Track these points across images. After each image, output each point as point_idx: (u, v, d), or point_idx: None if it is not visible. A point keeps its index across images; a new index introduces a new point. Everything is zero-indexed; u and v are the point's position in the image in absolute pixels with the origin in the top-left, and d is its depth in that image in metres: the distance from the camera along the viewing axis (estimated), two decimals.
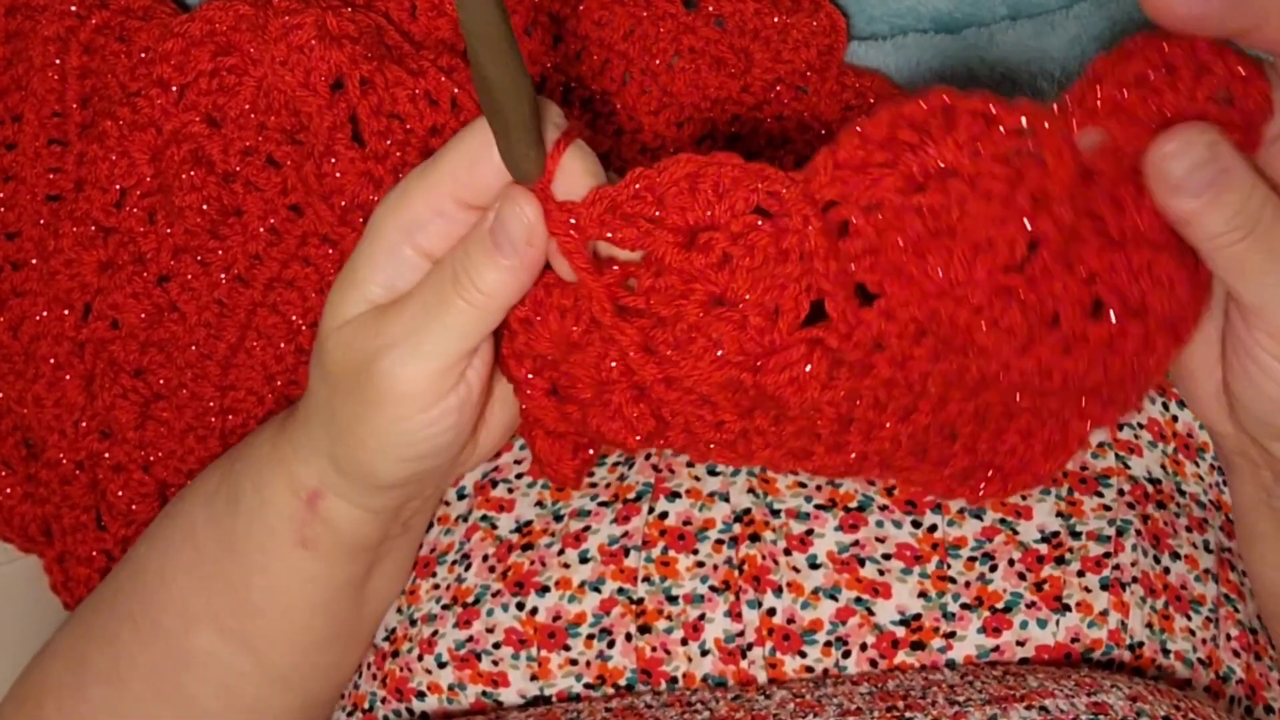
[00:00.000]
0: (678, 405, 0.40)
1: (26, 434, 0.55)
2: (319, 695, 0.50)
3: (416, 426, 0.41)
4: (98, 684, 0.49)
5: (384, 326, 0.40)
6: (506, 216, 0.38)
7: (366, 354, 0.40)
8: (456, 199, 0.39)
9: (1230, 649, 0.45)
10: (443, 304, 0.39)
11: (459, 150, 0.39)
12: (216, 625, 0.47)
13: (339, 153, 0.46)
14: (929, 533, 0.45)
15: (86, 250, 0.50)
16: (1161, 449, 0.48)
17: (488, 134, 0.37)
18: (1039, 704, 0.38)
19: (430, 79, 0.46)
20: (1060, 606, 0.44)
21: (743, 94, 0.52)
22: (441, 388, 0.40)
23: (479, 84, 0.35)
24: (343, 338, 0.41)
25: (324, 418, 0.43)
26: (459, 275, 0.39)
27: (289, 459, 0.45)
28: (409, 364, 0.39)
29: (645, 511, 0.46)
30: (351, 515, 0.45)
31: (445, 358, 0.39)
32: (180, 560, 0.48)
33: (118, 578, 0.51)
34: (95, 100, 0.51)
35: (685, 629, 0.45)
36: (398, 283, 0.40)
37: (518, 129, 0.36)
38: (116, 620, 0.49)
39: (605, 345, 0.39)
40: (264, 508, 0.46)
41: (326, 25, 0.45)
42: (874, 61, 0.52)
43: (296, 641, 0.48)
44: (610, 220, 0.37)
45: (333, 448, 0.43)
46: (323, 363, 0.42)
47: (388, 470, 0.43)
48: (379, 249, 0.40)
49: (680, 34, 0.52)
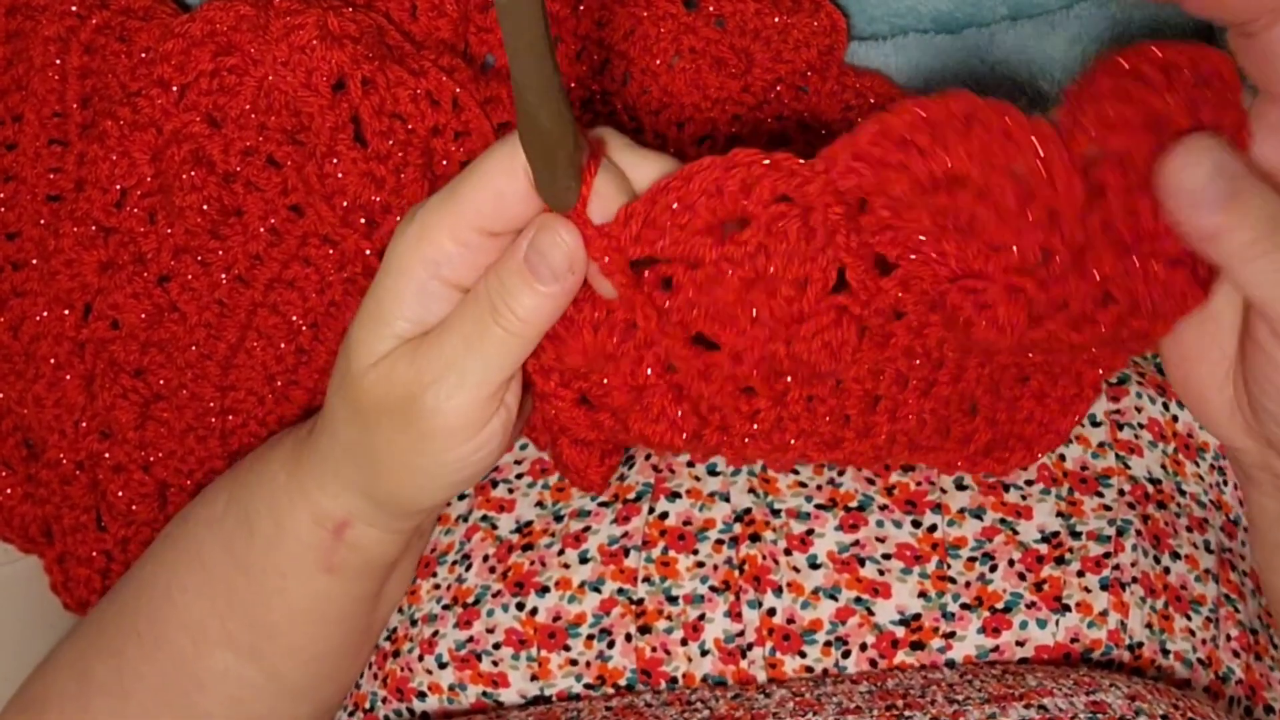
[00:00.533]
0: (716, 398, 0.40)
1: (26, 434, 0.55)
2: (329, 702, 0.50)
3: (465, 454, 0.41)
4: (101, 695, 0.49)
5: (423, 362, 0.39)
6: (546, 246, 0.38)
7: (409, 391, 0.40)
8: (481, 230, 0.39)
9: (1230, 649, 0.45)
10: (482, 335, 0.39)
11: (482, 183, 0.38)
12: (230, 644, 0.47)
13: (341, 153, 0.46)
14: (929, 533, 0.45)
15: (87, 250, 0.50)
16: (1162, 449, 0.48)
17: (512, 163, 0.37)
18: (1038, 703, 0.39)
19: (432, 79, 0.46)
20: (1060, 607, 0.44)
21: (743, 94, 0.52)
22: (486, 414, 0.40)
23: (526, 126, 0.34)
24: (381, 375, 0.40)
25: (358, 456, 0.43)
26: (497, 305, 0.38)
27: (311, 491, 0.45)
28: (455, 396, 0.39)
29: (645, 511, 0.46)
30: (379, 538, 0.45)
31: (489, 386, 0.40)
32: (189, 581, 0.48)
33: (121, 594, 0.51)
34: (96, 100, 0.51)
35: (685, 629, 0.45)
36: (426, 316, 0.40)
37: (564, 166, 0.36)
38: (121, 636, 0.49)
39: (641, 351, 0.40)
40: (284, 536, 0.46)
41: (328, 25, 0.45)
42: (874, 61, 0.52)
43: (313, 656, 0.48)
44: (646, 234, 0.37)
45: (372, 485, 0.43)
46: (355, 401, 0.41)
47: (431, 498, 0.43)
48: (405, 286, 0.40)
49: (680, 34, 0.52)
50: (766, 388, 0.40)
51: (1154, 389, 0.49)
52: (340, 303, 0.50)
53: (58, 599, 0.57)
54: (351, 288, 0.50)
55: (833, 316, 0.38)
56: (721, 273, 0.38)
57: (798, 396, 0.41)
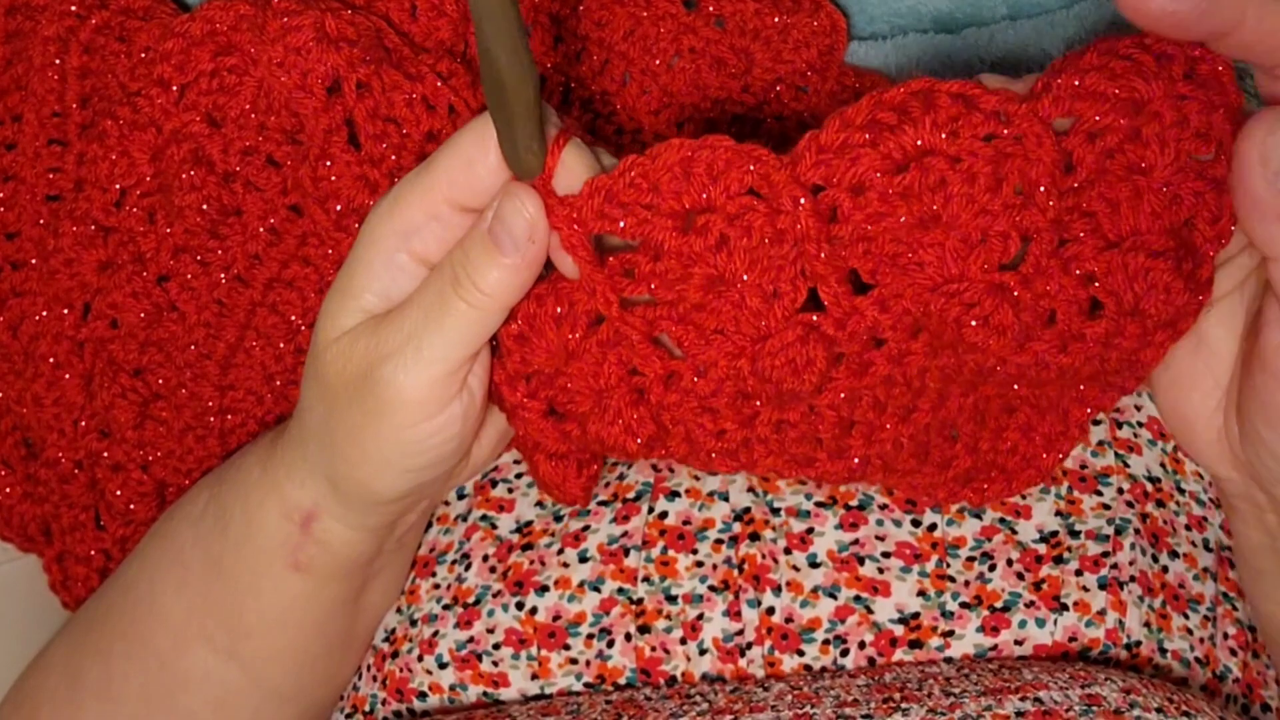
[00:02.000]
0: (678, 411, 0.40)
1: (26, 433, 0.55)
2: (317, 703, 0.50)
3: (421, 435, 0.40)
4: (92, 699, 0.49)
5: (384, 334, 0.39)
6: (507, 213, 0.38)
7: (367, 363, 0.39)
8: (452, 201, 0.39)
9: (1227, 647, 0.45)
10: (443, 307, 0.39)
11: (454, 151, 0.38)
12: (210, 645, 0.47)
13: (334, 156, 0.46)
14: (929, 531, 0.45)
15: (86, 250, 0.50)
16: (1161, 447, 0.48)
17: (483, 132, 0.37)
18: (1033, 695, 0.39)
19: (428, 84, 0.46)
20: (1058, 606, 0.44)
21: (743, 94, 0.52)
22: (446, 394, 0.40)
23: (486, 71, 0.35)
24: (341, 349, 0.40)
25: (321, 435, 0.42)
26: (459, 277, 0.38)
27: (282, 482, 0.45)
28: (412, 371, 0.39)
29: (645, 511, 0.46)
30: (346, 536, 0.45)
31: (448, 363, 0.39)
32: (169, 580, 0.48)
33: (109, 593, 0.51)
34: (95, 100, 0.51)
35: (684, 628, 0.45)
36: (393, 291, 0.40)
37: (522, 119, 0.36)
38: (108, 637, 0.49)
39: (604, 349, 0.39)
40: (254, 532, 0.45)
41: (325, 27, 0.45)
42: (874, 61, 0.52)
43: (292, 658, 0.47)
44: (609, 210, 0.37)
45: (331, 466, 0.43)
46: (320, 376, 0.41)
47: (389, 483, 0.42)
48: (374, 256, 0.40)
49: (680, 34, 0.52)
50: (733, 412, 0.40)
51: None
52: None
53: (56, 598, 0.57)
54: None
55: (799, 333, 0.37)
56: (685, 268, 0.37)
57: (766, 420, 0.40)
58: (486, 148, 0.38)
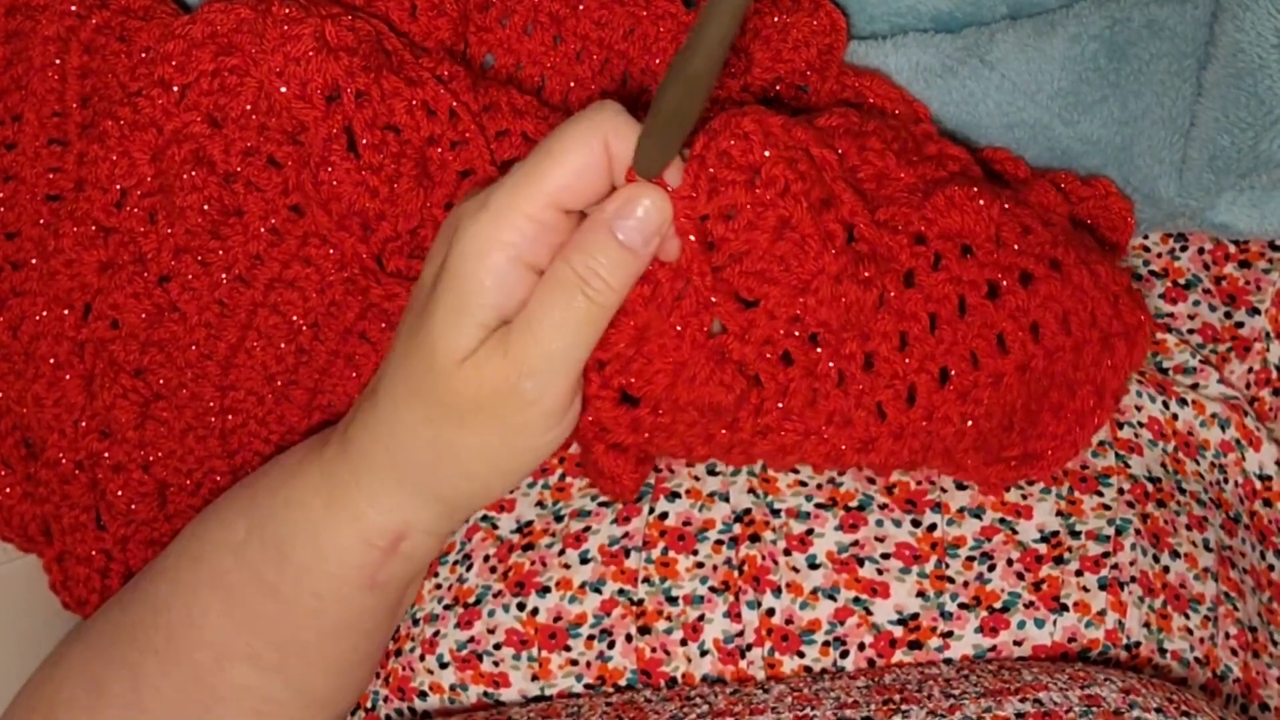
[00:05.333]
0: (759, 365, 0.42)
1: (26, 434, 0.55)
2: (346, 707, 0.50)
3: (550, 441, 0.41)
4: (116, 708, 0.48)
5: (516, 351, 0.39)
6: (645, 211, 0.39)
7: (507, 382, 0.39)
8: (560, 206, 0.39)
9: (1228, 647, 0.45)
10: (573, 313, 0.39)
11: (562, 159, 0.38)
12: (255, 662, 0.47)
13: (335, 163, 0.46)
14: (928, 532, 0.45)
15: (87, 250, 0.50)
16: (1161, 447, 0.48)
17: (590, 140, 0.38)
18: (1033, 697, 0.39)
19: (429, 89, 0.46)
20: (1058, 606, 0.44)
21: (743, 93, 0.52)
22: (573, 398, 0.41)
23: (677, 75, 0.35)
24: (471, 373, 0.40)
25: (431, 456, 0.42)
26: (588, 280, 0.39)
27: (364, 513, 0.44)
28: (555, 382, 0.40)
29: (645, 512, 0.46)
30: (431, 545, 0.45)
31: (580, 366, 0.40)
32: (211, 603, 0.47)
33: (134, 610, 0.50)
34: (95, 100, 0.51)
35: (685, 630, 0.45)
36: (507, 302, 0.40)
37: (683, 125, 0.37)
38: (138, 652, 0.48)
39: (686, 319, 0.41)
40: (325, 562, 0.45)
41: (325, 36, 0.45)
42: (874, 61, 0.52)
43: (342, 668, 0.48)
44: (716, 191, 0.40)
45: (448, 484, 0.43)
46: (441, 399, 0.41)
47: (502, 491, 0.44)
48: (484, 273, 0.39)
49: (680, 33, 0.52)
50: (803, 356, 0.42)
51: (1154, 388, 0.49)
52: (340, 302, 0.50)
53: (56, 598, 0.57)
54: (352, 288, 0.50)
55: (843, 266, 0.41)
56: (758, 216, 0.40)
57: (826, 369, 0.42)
58: (596, 153, 0.38)
